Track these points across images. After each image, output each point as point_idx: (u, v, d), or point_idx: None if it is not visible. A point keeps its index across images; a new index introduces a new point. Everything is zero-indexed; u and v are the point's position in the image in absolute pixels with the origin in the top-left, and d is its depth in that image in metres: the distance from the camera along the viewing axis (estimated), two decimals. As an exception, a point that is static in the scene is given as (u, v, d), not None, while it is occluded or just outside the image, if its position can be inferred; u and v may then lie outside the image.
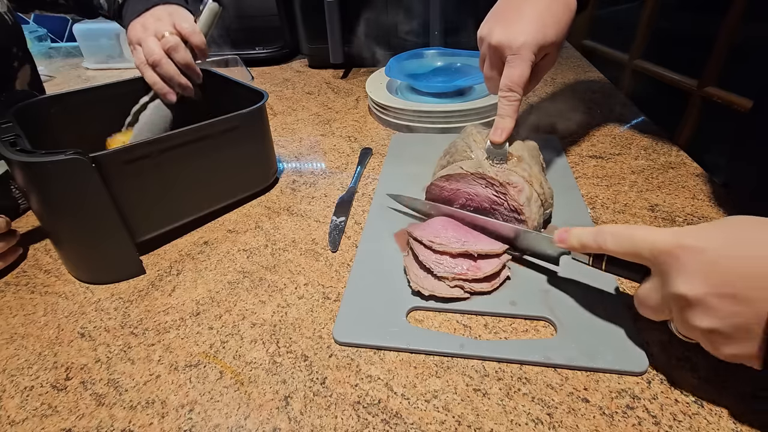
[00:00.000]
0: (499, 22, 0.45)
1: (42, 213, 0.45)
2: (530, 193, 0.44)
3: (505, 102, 0.45)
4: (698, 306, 0.28)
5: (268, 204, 0.58)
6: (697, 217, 0.50)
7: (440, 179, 0.48)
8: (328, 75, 1.02)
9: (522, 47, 0.43)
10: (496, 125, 0.46)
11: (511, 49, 0.43)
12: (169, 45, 0.52)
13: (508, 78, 0.44)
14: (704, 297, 0.28)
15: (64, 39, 1.48)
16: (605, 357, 0.35)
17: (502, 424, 0.32)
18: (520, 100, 0.45)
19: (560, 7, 0.44)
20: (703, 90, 1.02)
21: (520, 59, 0.43)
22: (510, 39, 0.43)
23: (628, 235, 0.32)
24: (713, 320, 0.28)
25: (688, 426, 0.31)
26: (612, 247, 0.33)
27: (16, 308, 0.44)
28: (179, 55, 0.52)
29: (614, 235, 0.33)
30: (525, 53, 0.43)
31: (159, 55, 0.51)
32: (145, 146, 0.45)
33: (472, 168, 0.45)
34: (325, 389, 0.35)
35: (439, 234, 0.43)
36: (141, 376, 0.37)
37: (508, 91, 0.45)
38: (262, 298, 0.43)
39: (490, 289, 0.40)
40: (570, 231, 0.37)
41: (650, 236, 0.31)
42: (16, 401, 0.35)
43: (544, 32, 0.43)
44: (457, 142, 0.51)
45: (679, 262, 0.29)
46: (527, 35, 0.43)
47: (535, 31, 0.43)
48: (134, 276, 0.47)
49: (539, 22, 0.43)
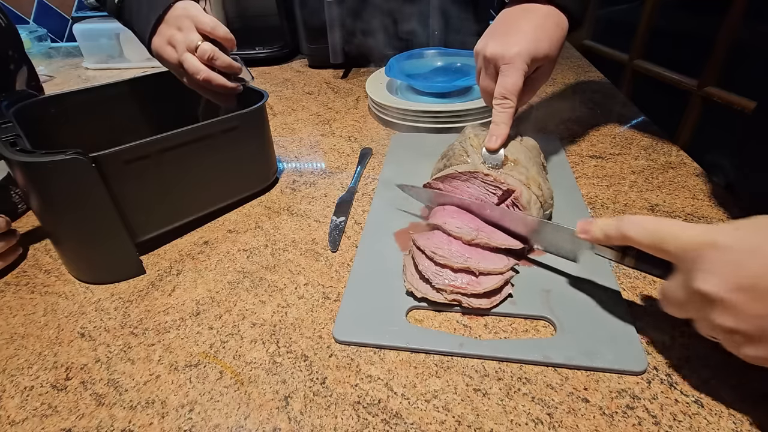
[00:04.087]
0: (493, 37, 0.47)
1: (42, 213, 0.45)
2: (528, 196, 0.44)
3: (500, 109, 0.47)
4: (722, 305, 0.27)
5: (268, 204, 0.58)
6: (697, 217, 0.50)
7: (436, 180, 0.48)
8: (328, 75, 1.02)
9: (515, 57, 0.45)
10: (491, 132, 0.47)
11: (504, 59, 0.45)
12: (207, 56, 0.50)
13: (502, 86, 0.46)
14: (728, 296, 0.27)
15: (64, 39, 1.48)
16: (605, 357, 0.35)
17: (502, 424, 0.32)
18: (515, 108, 0.47)
19: (552, 25, 0.46)
20: (704, 90, 1.02)
21: (514, 68, 0.45)
22: (503, 50, 0.45)
23: (654, 228, 0.31)
24: (736, 320, 0.27)
25: (688, 426, 0.31)
26: (636, 237, 0.32)
27: (16, 308, 0.44)
28: (220, 62, 0.51)
29: (640, 226, 0.32)
30: (518, 62, 0.45)
31: (205, 71, 0.50)
32: (145, 146, 0.45)
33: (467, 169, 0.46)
34: (325, 389, 0.35)
35: (443, 246, 0.42)
36: (141, 376, 0.37)
37: (502, 98, 0.46)
38: (262, 298, 0.43)
39: (489, 306, 0.39)
40: (593, 221, 0.36)
41: (677, 231, 0.30)
42: (16, 401, 0.35)
43: (537, 45, 0.45)
44: (455, 146, 0.51)
45: (704, 259, 0.28)
46: (520, 46, 0.45)
47: (528, 42, 0.45)
48: (134, 276, 0.47)
49: (532, 36, 0.45)
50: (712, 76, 1.00)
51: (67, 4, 1.40)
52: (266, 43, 1.10)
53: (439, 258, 0.41)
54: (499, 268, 0.40)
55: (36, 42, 1.38)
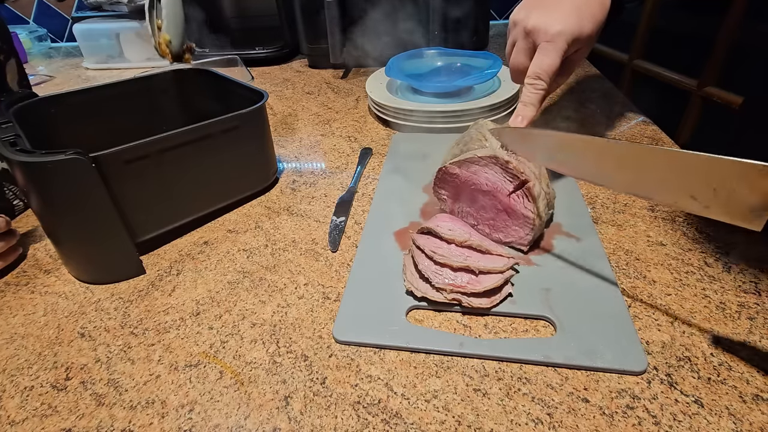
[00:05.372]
0: (537, 8, 0.43)
1: (42, 213, 0.45)
2: (539, 189, 0.43)
3: (531, 90, 0.44)
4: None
5: (268, 204, 0.58)
6: (697, 217, 0.50)
7: (453, 165, 0.46)
8: (328, 75, 1.02)
9: (558, 35, 0.42)
10: (518, 112, 0.44)
11: (546, 35, 0.42)
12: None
13: (538, 65, 0.43)
14: None
15: (64, 39, 1.48)
16: (605, 356, 0.35)
17: (502, 424, 0.32)
18: (547, 91, 0.44)
19: (597, 4, 0.43)
20: (703, 90, 1.02)
21: (554, 47, 0.42)
22: (547, 25, 0.42)
23: None
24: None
25: (688, 426, 0.31)
26: None
27: (16, 308, 0.44)
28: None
29: None
30: (560, 42, 0.42)
31: None
32: (145, 146, 0.45)
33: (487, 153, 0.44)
34: (325, 389, 0.35)
35: (442, 245, 0.42)
36: (141, 376, 0.37)
37: (536, 78, 0.43)
38: (262, 298, 0.43)
39: (489, 306, 0.39)
40: None
41: None
42: (16, 401, 0.35)
43: (581, 24, 0.42)
44: (471, 132, 0.49)
45: None
46: (565, 24, 0.41)
47: (573, 21, 0.42)
48: (134, 276, 0.47)
49: (577, 14, 0.42)
50: (712, 76, 1.00)
51: (67, 4, 1.40)
52: (266, 43, 1.10)
53: (438, 257, 0.41)
54: (499, 267, 0.40)
55: (36, 42, 1.38)
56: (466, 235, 0.42)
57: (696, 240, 0.47)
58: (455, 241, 0.42)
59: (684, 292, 0.41)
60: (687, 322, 0.38)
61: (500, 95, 0.72)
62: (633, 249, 0.46)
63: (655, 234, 0.48)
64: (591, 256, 0.44)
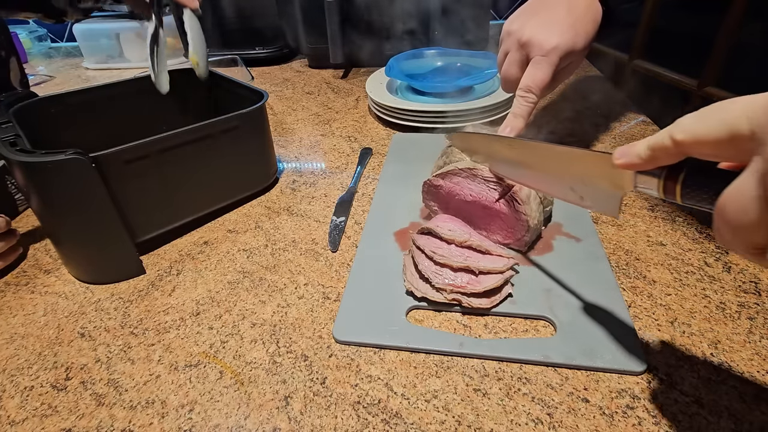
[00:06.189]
0: (531, 20, 0.44)
1: (42, 213, 0.45)
2: (528, 191, 0.44)
3: (522, 102, 0.44)
4: None
5: (268, 204, 0.58)
6: (697, 217, 0.50)
7: (436, 177, 0.47)
8: (328, 75, 1.02)
9: (553, 50, 0.42)
10: (507, 123, 0.45)
11: (541, 49, 0.42)
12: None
13: (531, 78, 0.43)
14: None
15: (64, 39, 1.48)
16: (605, 356, 0.35)
17: (502, 424, 0.32)
18: (536, 104, 0.45)
19: (590, 20, 0.44)
20: (703, 90, 1.02)
21: (547, 62, 0.42)
22: (542, 39, 0.42)
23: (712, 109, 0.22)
24: None
25: (688, 426, 0.31)
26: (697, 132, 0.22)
27: (16, 308, 0.44)
28: None
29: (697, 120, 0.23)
30: (554, 57, 0.42)
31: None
32: (146, 146, 0.45)
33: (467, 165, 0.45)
34: (325, 389, 0.35)
35: (442, 245, 0.42)
36: (141, 376, 0.37)
37: (527, 91, 0.44)
38: (262, 298, 0.43)
39: (489, 306, 0.39)
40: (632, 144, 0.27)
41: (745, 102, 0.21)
42: (16, 401, 0.35)
43: (575, 40, 0.43)
44: None
45: None
46: (560, 39, 0.42)
47: (568, 36, 0.42)
48: (134, 276, 0.47)
49: (572, 29, 0.42)
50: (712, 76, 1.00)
51: (67, 4, 1.40)
52: (266, 43, 1.10)
53: (438, 257, 0.41)
54: (499, 267, 0.40)
55: (36, 42, 1.38)
56: (466, 236, 0.43)
57: (696, 240, 0.47)
58: (455, 241, 0.42)
59: (684, 292, 0.41)
60: (687, 322, 0.38)
61: (500, 95, 0.72)
62: (633, 249, 0.46)
63: (655, 234, 0.48)
64: (591, 257, 0.44)
